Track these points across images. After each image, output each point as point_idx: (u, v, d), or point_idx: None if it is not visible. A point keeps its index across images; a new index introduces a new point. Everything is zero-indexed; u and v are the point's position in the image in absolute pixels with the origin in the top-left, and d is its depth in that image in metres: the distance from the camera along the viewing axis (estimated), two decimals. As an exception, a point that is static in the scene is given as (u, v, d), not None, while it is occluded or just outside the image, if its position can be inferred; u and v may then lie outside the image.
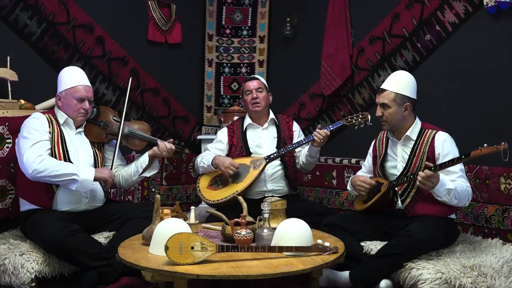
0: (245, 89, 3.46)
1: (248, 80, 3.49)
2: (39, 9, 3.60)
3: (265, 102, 3.43)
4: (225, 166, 3.25)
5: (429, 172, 2.48)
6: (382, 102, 2.82)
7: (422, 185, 2.53)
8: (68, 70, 3.00)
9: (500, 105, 3.19)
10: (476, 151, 2.40)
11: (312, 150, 3.27)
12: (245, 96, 3.45)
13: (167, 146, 3.12)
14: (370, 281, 2.57)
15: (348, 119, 3.24)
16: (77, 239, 2.62)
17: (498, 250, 2.69)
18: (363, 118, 3.20)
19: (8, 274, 2.53)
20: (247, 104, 3.44)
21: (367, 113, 3.23)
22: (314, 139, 3.16)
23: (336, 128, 3.24)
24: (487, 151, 2.37)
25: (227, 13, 4.81)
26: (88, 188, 2.80)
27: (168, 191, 4.48)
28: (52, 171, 2.69)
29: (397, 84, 2.82)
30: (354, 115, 3.26)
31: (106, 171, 2.90)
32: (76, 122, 2.99)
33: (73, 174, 2.72)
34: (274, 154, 3.29)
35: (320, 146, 3.21)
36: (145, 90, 4.35)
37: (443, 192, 2.55)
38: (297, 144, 3.27)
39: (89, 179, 2.77)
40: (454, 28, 3.46)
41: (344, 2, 4.06)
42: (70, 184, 2.74)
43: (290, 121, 3.54)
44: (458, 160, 2.49)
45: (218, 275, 2.06)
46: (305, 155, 3.34)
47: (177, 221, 2.39)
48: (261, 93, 3.42)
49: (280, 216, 2.77)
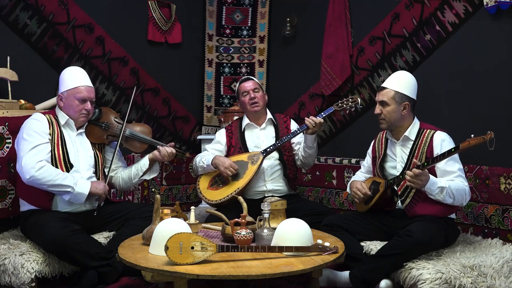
0: (241, 90, 3.44)
1: (243, 81, 3.47)
2: (39, 9, 3.60)
3: (263, 102, 3.43)
4: (224, 166, 3.25)
5: (416, 171, 2.49)
6: (381, 100, 2.82)
7: (412, 184, 2.54)
8: (69, 71, 3.00)
9: (500, 105, 3.19)
10: (464, 143, 2.40)
11: (308, 139, 3.25)
12: (242, 97, 3.44)
13: (168, 151, 3.12)
14: (370, 281, 2.57)
15: (338, 104, 3.26)
16: (77, 239, 2.62)
17: (498, 250, 2.68)
18: (353, 102, 3.23)
19: (8, 274, 2.53)
20: (245, 105, 3.43)
21: (356, 96, 3.27)
22: (307, 126, 3.17)
23: (327, 114, 3.26)
24: (474, 142, 2.38)
25: (227, 13, 4.81)
26: (81, 201, 2.79)
27: (168, 191, 4.48)
28: (49, 180, 2.69)
29: (397, 83, 2.82)
30: (344, 99, 3.28)
31: (101, 186, 2.88)
32: (78, 123, 2.98)
33: (68, 187, 2.73)
34: (270, 147, 3.29)
35: (314, 133, 3.21)
36: (145, 90, 4.35)
37: (435, 190, 2.55)
38: (292, 134, 3.27)
39: (83, 193, 2.77)
40: (454, 28, 3.46)
41: (344, 2, 4.06)
42: (64, 194, 2.75)
43: (288, 120, 3.54)
44: (448, 154, 2.48)
45: (218, 275, 2.06)
46: (303, 148, 3.34)
47: (177, 221, 2.39)
48: (257, 93, 3.41)
49: (280, 216, 2.76)
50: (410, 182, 2.54)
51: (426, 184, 2.54)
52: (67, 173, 2.79)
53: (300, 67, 4.51)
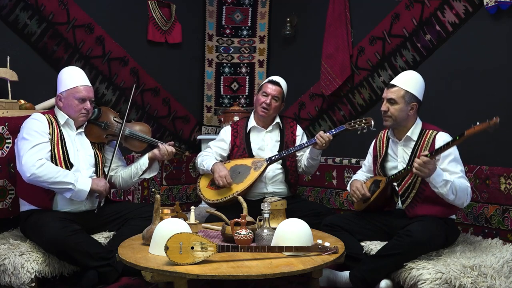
0: (263, 88, 3.38)
1: (271, 82, 3.38)
2: (39, 9, 3.60)
3: (274, 111, 3.38)
4: (220, 174, 3.20)
5: (425, 158, 2.46)
6: (390, 97, 2.79)
7: (419, 172, 2.50)
8: (68, 70, 3.00)
9: (500, 105, 3.19)
10: (469, 129, 2.38)
11: (314, 152, 3.25)
12: (260, 95, 3.38)
13: (168, 150, 3.11)
14: (370, 281, 2.57)
15: (351, 123, 3.19)
16: (77, 239, 2.62)
17: (498, 250, 2.68)
18: (366, 123, 3.14)
19: (8, 274, 2.53)
20: (257, 104, 3.38)
21: (370, 118, 3.16)
22: (316, 142, 3.14)
23: (338, 132, 3.19)
24: (479, 128, 2.36)
25: (227, 13, 4.81)
26: (82, 198, 2.79)
27: (168, 191, 4.48)
28: (50, 177, 2.68)
29: (408, 82, 2.80)
30: (357, 119, 3.20)
31: (102, 183, 2.88)
32: (77, 123, 2.98)
33: (69, 183, 2.72)
34: (275, 156, 3.28)
35: (322, 149, 3.19)
36: (145, 90, 4.35)
37: (440, 182, 2.51)
38: (299, 147, 3.26)
39: (84, 190, 2.77)
40: (454, 28, 3.46)
41: (344, 2, 4.07)
42: (65, 192, 2.75)
43: (294, 125, 3.51)
44: (453, 142, 2.45)
45: (218, 275, 2.06)
46: (306, 158, 3.33)
47: (177, 221, 2.39)
48: (275, 102, 3.35)
49: (280, 216, 2.76)
50: (417, 169, 2.49)
51: (433, 173, 2.49)
52: (67, 171, 2.79)
53: (300, 67, 4.51)
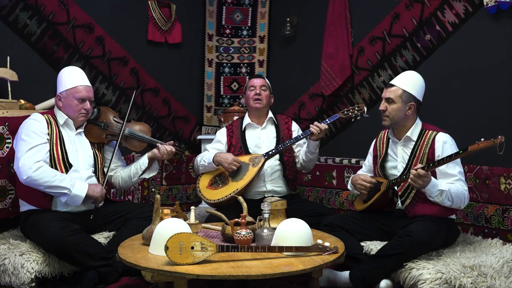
0: (249, 85, 3.49)
1: (254, 77, 3.53)
2: (39, 9, 3.60)
3: (266, 101, 3.44)
4: (228, 162, 3.26)
5: (422, 172, 2.49)
6: (388, 97, 2.82)
7: (413, 183, 2.54)
8: (68, 70, 3.00)
9: (500, 105, 3.19)
10: (473, 145, 2.40)
11: (311, 145, 3.27)
12: (248, 91, 3.47)
13: (167, 149, 3.12)
14: (370, 281, 2.57)
15: (344, 111, 3.26)
16: (77, 239, 2.62)
17: (498, 250, 2.68)
18: (359, 110, 3.22)
19: (8, 274, 2.53)
20: (249, 99, 3.45)
21: (362, 104, 3.26)
22: (312, 132, 3.17)
23: (332, 121, 3.26)
24: (484, 145, 2.38)
25: (227, 13, 4.81)
26: (77, 203, 2.78)
27: (168, 191, 4.48)
28: (46, 181, 2.68)
29: (406, 82, 2.82)
30: (350, 107, 3.28)
31: (98, 189, 2.87)
32: (77, 123, 2.98)
33: (65, 188, 2.72)
34: (272, 150, 3.29)
35: (318, 139, 3.23)
36: (145, 90, 4.35)
37: (435, 192, 2.56)
38: (295, 139, 3.28)
39: (80, 195, 2.76)
40: (454, 28, 3.46)
41: (344, 2, 4.06)
42: (60, 196, 2.75)
43: (289, 121, 3.55)
44: (455, 156, 2.49)
45: (218, 275, 2.06)
46: (304, 152, 3.34)
47: (177, 221, 2.39)
48: (264, 91, 3.44)
49: (280, 216, 2.76)
50: (412, 180, 2.53)
51: (427, 185, 2.54)
52: (64, 175, 2.78)
53: (300, 67, 4.51)
